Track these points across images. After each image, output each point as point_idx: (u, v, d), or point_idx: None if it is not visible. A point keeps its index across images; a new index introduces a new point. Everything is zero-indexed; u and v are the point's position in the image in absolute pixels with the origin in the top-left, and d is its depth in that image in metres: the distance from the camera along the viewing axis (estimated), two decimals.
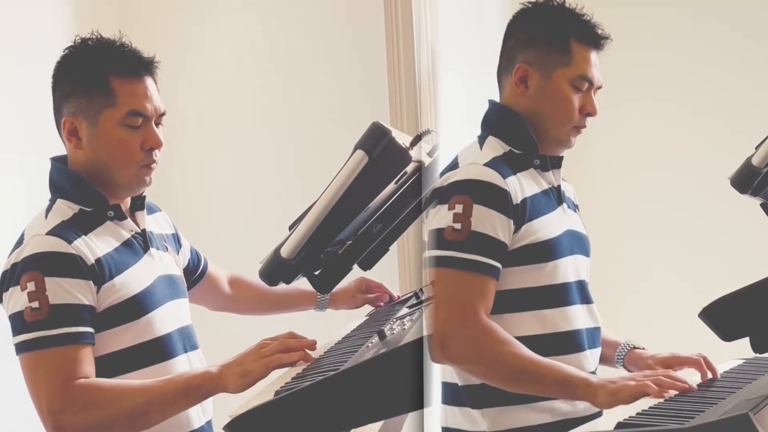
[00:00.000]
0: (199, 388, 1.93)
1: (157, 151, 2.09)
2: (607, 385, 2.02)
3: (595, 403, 2.05)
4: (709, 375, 2.20)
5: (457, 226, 2.14)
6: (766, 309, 2.29)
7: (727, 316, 2.32)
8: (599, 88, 2.30)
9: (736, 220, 3.96)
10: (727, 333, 2.33)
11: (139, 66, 2.09)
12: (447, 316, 2.10)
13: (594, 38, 2.27)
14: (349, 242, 2.20)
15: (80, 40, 2.11)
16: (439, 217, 2.17)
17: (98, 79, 2.06)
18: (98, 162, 2.07)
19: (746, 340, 2.31)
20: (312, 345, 1.98)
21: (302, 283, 2.32)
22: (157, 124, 2.10)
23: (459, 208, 2.14)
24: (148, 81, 2.10)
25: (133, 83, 2.07)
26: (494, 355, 2.09)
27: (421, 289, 2.45)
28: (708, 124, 4.20)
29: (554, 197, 2.30)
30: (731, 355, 2.35)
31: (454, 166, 2.24)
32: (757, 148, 2.31)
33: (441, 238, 2.15)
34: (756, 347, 2.30)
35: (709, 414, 1.73)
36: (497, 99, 2.36)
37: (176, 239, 2.33)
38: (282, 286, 2.50)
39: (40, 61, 3.30)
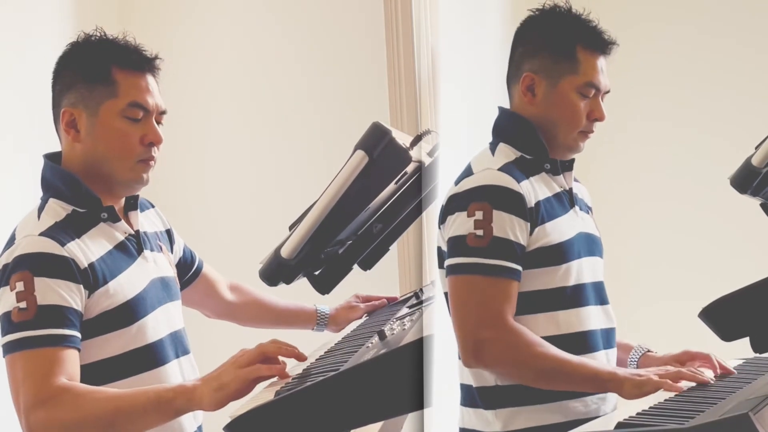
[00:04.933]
0: (171, 402, 1.83)
1: (156, 147, 2.06)
2: (633, 378, 2.09)
3: (622, 395, 2.11)
4: (719, 371, 2.22)
5: (479, 232, 2.16)
6: (766, 309, 2.29)
7: (727, 316, 2.32)
8: (607, 92, 2.30)
9: (736, 221, 3.96)
10: (727, 333, 2.33)
11: (142, 61, 2.07)
12: (479, 323, 2.15)
13: (600, 44, 2.28)
14: (350, 242, 2.20)
15: (84, 36, 2.10)
16: (458, 224, 2.19)
17: (101, 69, 2.04)
18: (96, 155, 2.04)
19: (746, 340, 2.31)
20: (292, 352, 1.89)
21: (304, 300, 2.32)
22: (158, 122, 2.08)
23: (479, 215, 2.17)
24: (150, 77, 2.08)
25: (135, 76, 2.05)
26: (526, 356, 2.14)
27: (421, 289, 2.45)
28: (707, 127, 4.20)
29: (566, 200, 2.31)
30: (731, 355, 2.35)
31: (468, 173, 2.25)
32: (756, 148, 2.31)
33: (463, 245, 2.18)
34: (756, 347, 2.31)
35: (709, 414, 1.73)
36: (498, 100, 2.38)
37: (169, 235, 2.29)
38: (284, 302, 2.50)
39: (40, 61, 3.31)
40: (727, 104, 4.19)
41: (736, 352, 2.37)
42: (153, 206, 2.28)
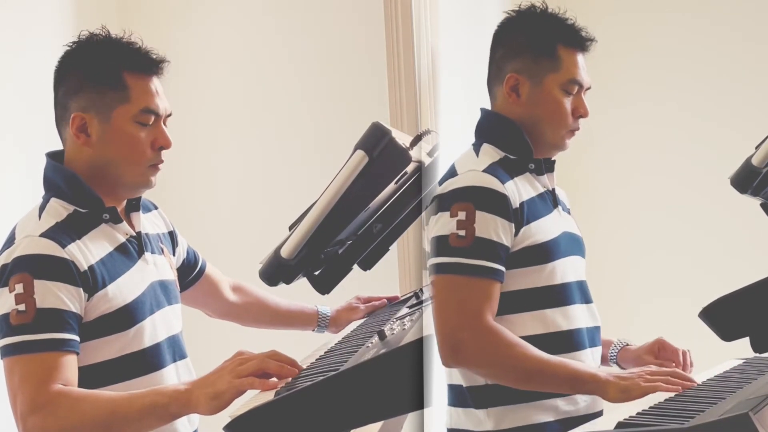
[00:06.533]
0: (166, 407, 1.82)
1: (164, 151, 2.06)
2: (617, 382, 2.09)
3: (606, 398, 2.12)
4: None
5: (462, 232, 2.18)
6: (766, 309, 2.29)
7: (727, 316, 2.32)
8: (588, 89, 2.34)
9: (736, 221, 3.96)
10: (727, 333, 2.33)
11: (152, 64, 2.06)
12: (458, 323, 2.16)
13: (579, 41, 2.32)
14: (349, 242, 2.20)
15: (87, 36, 2.07)
16: (441, 224, 2.21)
17: (111, 74, 2.02)
18: (106, 159, 2.02)
19: (746, 340, 2.31)
20: (292, 368, 1.85)
21: (304, 300, 2.31)
22: (164, 124, 2.07)
23: (462, 215, 2.19)
24: (156, 80, 2.07)
25: (146, 80, 2.04)
26: (505, 357, 2.15)
27: (421, 289, 2.45)
28: (707, 126, 4.20)
29: (549, 200, 2.34)
30: (731, 355, 2.35)
31: (452, 173, 2.27)
32: (756, 148, 2.31)
33: (445, 245, 2.19)
34: (756, 347, 2.31)
35: (709, 414, 1.73)
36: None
37: (172, 237, 2.29)
38: (285, 303, 2.50)
39: (41, 61, 3.30)
40: (724, 106, 4.18)
41: (736, 352, 2.37)
42: (156, 207, 2.27)
